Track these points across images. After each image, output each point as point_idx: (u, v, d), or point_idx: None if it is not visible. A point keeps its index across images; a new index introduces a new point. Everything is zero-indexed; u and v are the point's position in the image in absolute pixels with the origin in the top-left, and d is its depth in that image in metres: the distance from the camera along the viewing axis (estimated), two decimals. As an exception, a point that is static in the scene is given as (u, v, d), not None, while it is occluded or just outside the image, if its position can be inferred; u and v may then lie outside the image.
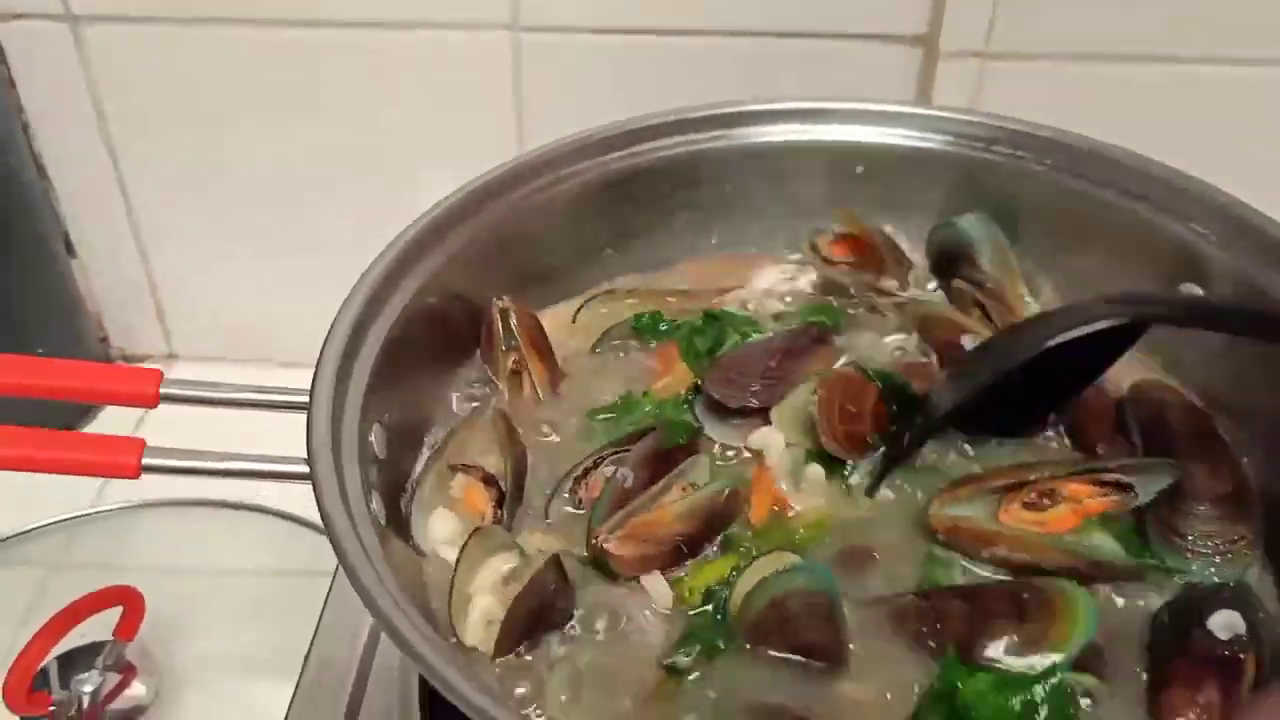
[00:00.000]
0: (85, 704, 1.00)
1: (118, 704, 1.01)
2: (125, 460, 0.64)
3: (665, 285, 0.95)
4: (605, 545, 0.71)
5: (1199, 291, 0.82)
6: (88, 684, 1.00)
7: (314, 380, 0.68)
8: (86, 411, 1.25)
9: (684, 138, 0.91)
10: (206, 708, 1.02)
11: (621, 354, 0.89)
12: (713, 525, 0.74)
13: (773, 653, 0.67)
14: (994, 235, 0.90)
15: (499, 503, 0.77)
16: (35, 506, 1.16)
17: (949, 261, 0.91)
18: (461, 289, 0.83)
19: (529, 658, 0.69)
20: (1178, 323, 0.76)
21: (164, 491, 1.18)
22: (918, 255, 0.94)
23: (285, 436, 0.71)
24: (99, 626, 1.02)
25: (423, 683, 0.81)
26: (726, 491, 0.74)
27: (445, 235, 0.81)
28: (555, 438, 0.82)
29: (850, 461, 0.77)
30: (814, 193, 0.94)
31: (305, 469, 0.64)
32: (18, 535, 1.15)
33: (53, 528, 1.16)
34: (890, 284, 0.92)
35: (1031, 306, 0.88)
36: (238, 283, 1.26)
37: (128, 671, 1.02)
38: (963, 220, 0.91)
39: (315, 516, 1.12)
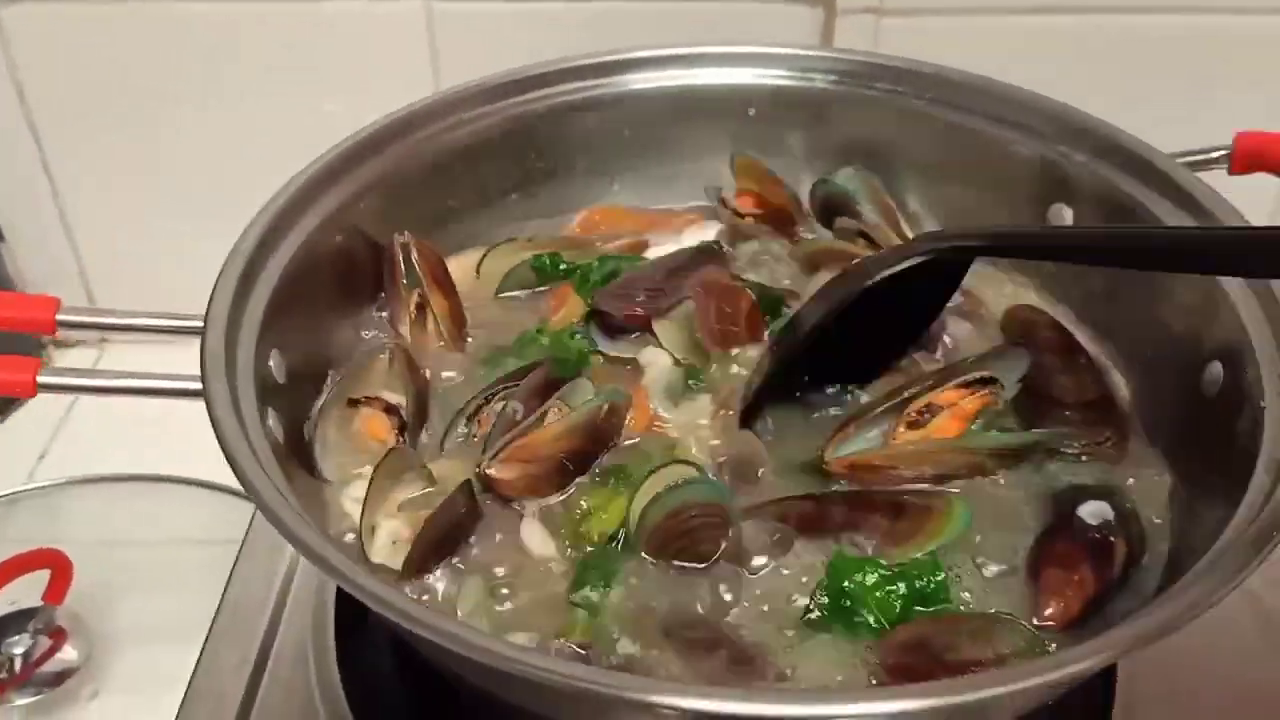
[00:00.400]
0: (17, 666, 1.01)
1: (49, 666, 1.02)
2: (21, 377, 0.66)
3: (568, 235, 0.97)
4: (488, 471, 0.72)
5: (1069, 212, 0.85)
6: (18, 646, 1.02)
7: (210, 302, 0.70)
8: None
9: (580, 83, 0.93)
10: (135, 669, 1.03)
11: (522, 298, 0.91)
12: (597, 440, 0.76)
13: (676, 563, 0.70)
14: (870, 184, 0.94)
15: (401, 430, 0.78)
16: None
17: (833, 213, 0.94)
18: (364, 227, 0.85)
19: (437, 582, 0.70)
20: (995, 253, 0.81)
21: (94, 468, 1.19)
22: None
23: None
24: (29, 593, 1.03)
25: (338, 608, 0.83)
26: (606, 406, 0.76)
27: (346, 174, 0.83)
28: (459, 377, 0.84)
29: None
30: (710, 136, 0.97)
31: (198, 385, 0.65)
32: (-49, 509, 1.16)
33: (-13, 502, 1.17)
34: (794, 230, 0.95)
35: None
36: (167, 265, 1.27)
37: (58, 635, 1.04)
38: (839, 175, 0.94)
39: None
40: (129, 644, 1.04)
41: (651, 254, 0.93)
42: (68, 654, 1.03)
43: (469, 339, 0.87)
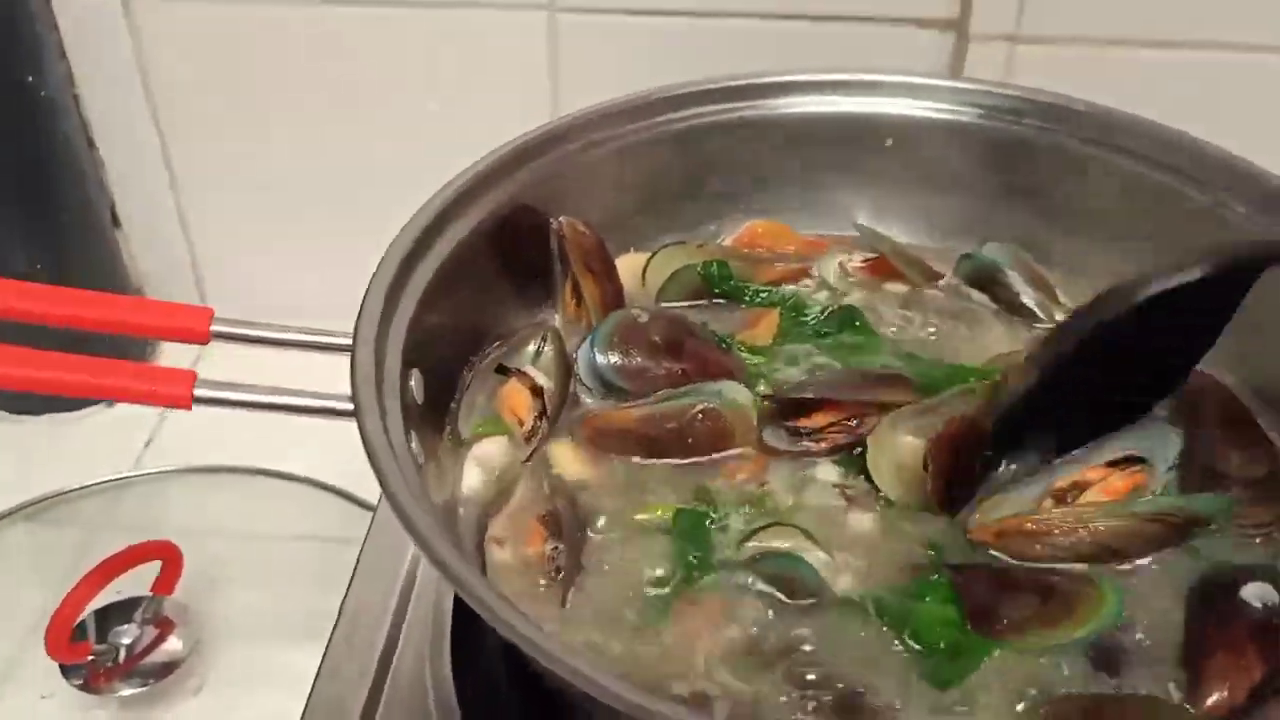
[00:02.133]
0: (122, 655, 1.03)
1: (154, 656, 1.03)
2: (178, 391, 0.66)
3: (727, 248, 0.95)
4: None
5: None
6: (125, 636, 1.03)
7: (359, 318, 0.70)
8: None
9: (713, 107, 0.92)
10: (241, 662, 1.04)
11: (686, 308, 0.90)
12: (678, 439, 0.77)
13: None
14: (1015, 256, 0.91)
15: (541, 415, 0.79)
16: (78, 469, 1.20)
17: (984, 285, 0.91)
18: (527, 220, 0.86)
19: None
20: None
21: (197, 459, 1.21)
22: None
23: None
24: (137, 583, 1.05)
25: (455, 619, 0.83)
26: (700, 408, 0.76)
27: (497, 183, 0.83)
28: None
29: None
30: (843, 166, 0.95)
31: (349, 405, 0.65)
32: (61, 494, 1.18)
33: (94, 489, 1.19)
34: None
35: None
36: (278, 263, 1.29)
37: (165, 626, 1.05)
38: (985, 249, 0.91)
39: (347, 485, 1.15)
40: (235, 639, 1.06)
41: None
42: (173, 645, 1.05)
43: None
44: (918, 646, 0.66)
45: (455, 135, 1.14)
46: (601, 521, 0.74)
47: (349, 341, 0.69)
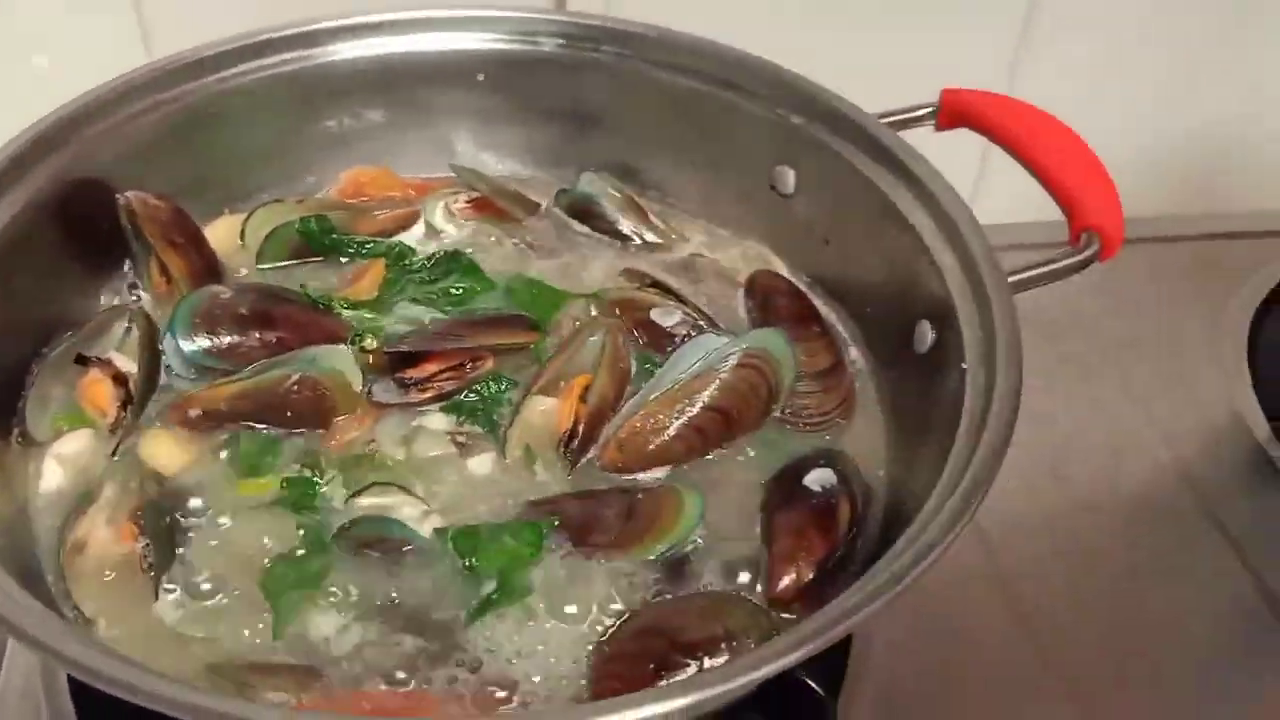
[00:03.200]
0: None
1: None
2: None
3: (335, 198, 0.93)
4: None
5: (791, 173, 0.88)
6: None
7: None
8: None
9: (293, 54, 0.89)
10: None
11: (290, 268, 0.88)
12: (277, 413, 0.76)
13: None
14: (608, 185, 0.93)
15: (124, 404, 0.75)
16: None
17: (583, 216, 0.93)
18: (91, 191, 0.80)
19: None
20: None
21: None
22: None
23: None
24: None
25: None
26: (294, 379, 0.75)
27: (26, 173, 0.77)
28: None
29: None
30: (438, 105, 0.94)
31: None
32: None
33: None
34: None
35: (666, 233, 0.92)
36: None
37: None
38: (580, 182, 0.93)
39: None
40: None
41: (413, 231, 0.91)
42: None
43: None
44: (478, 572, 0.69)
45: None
46: (198, 504, 0.72)
47: None
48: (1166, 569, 0.91)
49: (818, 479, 0.74)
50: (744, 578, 0.70)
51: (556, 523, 0.71)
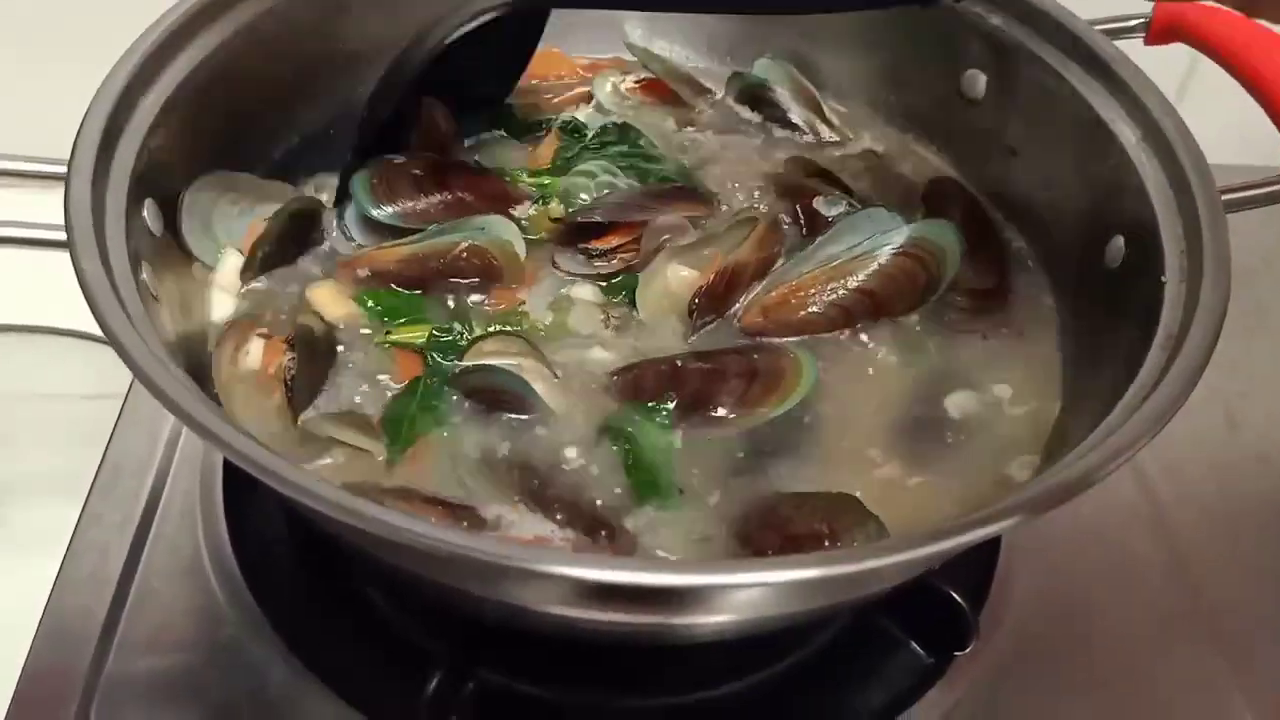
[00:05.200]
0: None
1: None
2: None
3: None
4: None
5: (983, 78, 0.84)
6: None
7: (74, 148, 0.65)
8: None
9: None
10: (18, 525, 1.00)
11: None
12: (442, 277, 0.76)
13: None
14: (787, 71, 0.91)
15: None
16: None
17: (756, 103, 0.92)
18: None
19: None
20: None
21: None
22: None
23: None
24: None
25: (227, 463, 0.81)
26: (464, 245, 0.75)
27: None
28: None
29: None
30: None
31: (62, 235, 0.61)
32: None
33: None
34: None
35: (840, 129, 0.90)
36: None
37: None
38: (755, 67, 0.92)
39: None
40: (11, 500, 1.01)
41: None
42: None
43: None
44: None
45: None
46: (352, 342, 0.73)
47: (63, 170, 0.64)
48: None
49: (958, 404, 0.72)
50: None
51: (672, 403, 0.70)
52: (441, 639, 0.73)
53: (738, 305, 0.75)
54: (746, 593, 0.56)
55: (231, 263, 0.76)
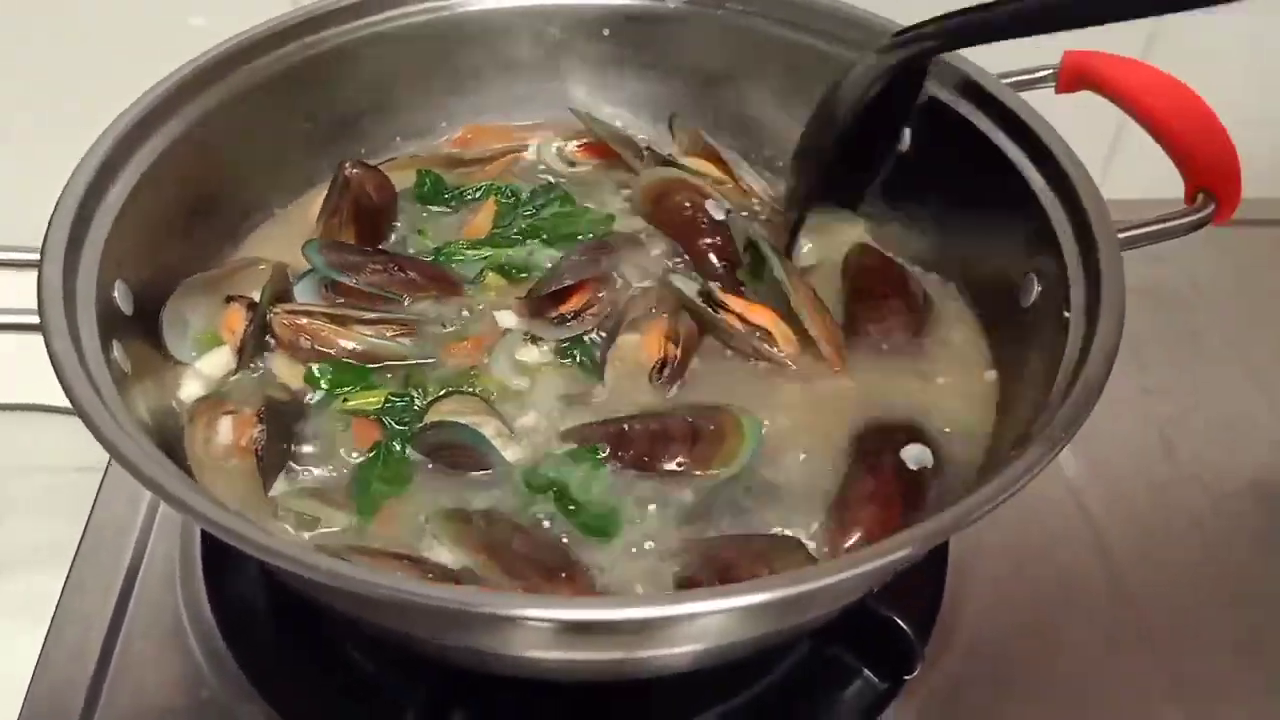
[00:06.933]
0: None
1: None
2: None
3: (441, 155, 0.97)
4: (273, 317, 0.79)
5: (907, 131, 0.88)
6: None
7: (48, 230, 0.69)
8: None
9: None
10: (4, 597, 1.03)
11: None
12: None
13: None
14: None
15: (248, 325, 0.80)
16: None
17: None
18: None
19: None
20: (962, 43, 0.79)
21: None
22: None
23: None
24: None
25: (204, 536, 0.84)
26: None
27: (195, 96, 0.83)
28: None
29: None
30: (569, 56, 0.98)
31: (35, 319, 0.65)
32: None
33: None
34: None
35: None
36: None
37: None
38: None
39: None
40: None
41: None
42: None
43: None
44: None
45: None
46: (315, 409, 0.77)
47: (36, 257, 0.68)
48: (1274, 546, 0.90)
49: (915, 457, 0.74)
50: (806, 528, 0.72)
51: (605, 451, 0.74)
52: (416, 688, 0.77)
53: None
54: (689, 623, 0.60)
55: (218, 360, 0.80)
